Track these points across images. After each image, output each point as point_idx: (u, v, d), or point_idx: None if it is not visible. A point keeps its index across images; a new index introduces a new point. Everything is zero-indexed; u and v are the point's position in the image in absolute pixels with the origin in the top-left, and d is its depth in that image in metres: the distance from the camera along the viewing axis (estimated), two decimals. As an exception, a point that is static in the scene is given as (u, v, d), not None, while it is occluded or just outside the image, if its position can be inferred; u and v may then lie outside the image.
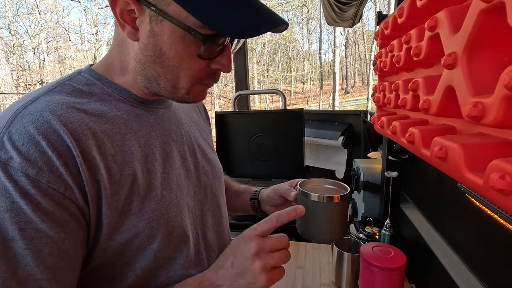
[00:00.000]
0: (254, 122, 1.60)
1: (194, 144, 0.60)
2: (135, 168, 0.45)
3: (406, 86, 0.53)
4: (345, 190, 0.60)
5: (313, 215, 0.57)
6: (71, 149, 0.39)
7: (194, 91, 0.48)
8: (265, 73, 19.16)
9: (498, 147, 0.32)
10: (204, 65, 0.45)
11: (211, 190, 0.60)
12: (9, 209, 0.35)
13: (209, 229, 0.58)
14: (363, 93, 17.36)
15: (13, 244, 0.35)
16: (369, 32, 18.72)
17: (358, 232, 1.03)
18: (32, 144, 0.37)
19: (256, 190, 0.78)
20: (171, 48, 0.43)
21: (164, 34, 0.42)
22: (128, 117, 0.48)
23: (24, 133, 0.37)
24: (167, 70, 0.45)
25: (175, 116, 0.58)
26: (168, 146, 0.53)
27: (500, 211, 0.37)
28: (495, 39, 0.32)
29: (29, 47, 17.22)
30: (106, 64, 0.50)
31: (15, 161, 0.36)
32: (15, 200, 0.35)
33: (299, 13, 18.86)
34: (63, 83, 0.46)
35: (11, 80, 10.09)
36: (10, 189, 0.35)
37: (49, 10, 16.92)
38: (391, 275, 0.69)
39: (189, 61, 0.44)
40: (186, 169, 0.55)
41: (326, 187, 0.64)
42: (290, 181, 0.71)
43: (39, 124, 0.38)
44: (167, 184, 0.50)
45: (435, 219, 0.71)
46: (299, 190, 0.59)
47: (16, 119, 0.38)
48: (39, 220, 0.36)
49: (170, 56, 0.43)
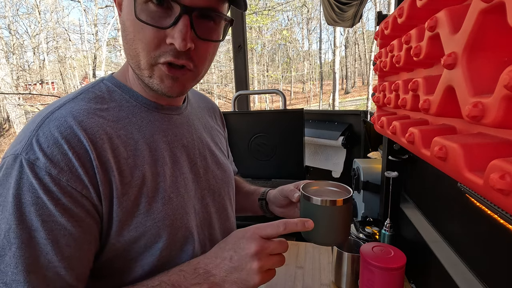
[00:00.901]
0: (254, 122, 1.59)
1: (206, 149, 0.62)
2: (145, 171, 0.49)
3: (406, 86, 0.53)
4: (348, 192, 0.58)
5: (316, 219, 0.55)
6: (89, 152, 0.43)
7: (157, 75, 0.47)
8: (265, 73, 19.15)
9: (498, 147, 0.32)
10: (157, 36, 0.44)
11: (219, 194, 0.63)
12: (34, 203, 0.40)
13: (215, 231, 0.61)
14: (363, 93, 17.37)
15: (37, 234, 0.40)
16: (369, 32, 18.72)
17: (358, 232, 1.03)
18: (56, 146, 0.41)
19: (264, 191, 0.80)
20: (128, 18, 0.45)
21: (125, 6, 0.45)
22: (142, 123, 0.52)
23: (50, 136, 0.42)
24: (129, 44, 0.46)
25: (187, 122, 0.60)
26: (178, 151, 0.56)
27: (500, 211, 0.37)
28: (495, 39, 0.32)
29: (29, 47, 17.22)
30: (123, 69, 0.55)
31: (40, 161, 0.40)
32: (40, 196, 0.40)
33: (299, 13, 18.86)
34: (87, 90, 0.50)
35: (11, 80, 10.09)
36: (35, 186, 0.40)
37: (49, 10, 16.92)
38: (391, 275, 0.69)
39: (140, 31, 0.44)
40: (195, 173, 0.58)
41: (329, 189, 0.63)
42: (296, 182, 0.71)
43: (63, 129, 0.43)
44: (175, 187, 0.53)
45: (435, 219, 0.71)
46: (302, 194, 0.58)
47: (44, 124, 0.43)
48: (59, 214, 0.41)
49: (127, 27, 0.45)
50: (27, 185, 0.39)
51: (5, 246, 0.39)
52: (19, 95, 10.10)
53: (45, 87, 17.58)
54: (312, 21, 19.20)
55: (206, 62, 0.51)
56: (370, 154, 1.47)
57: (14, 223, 0.39)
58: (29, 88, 16.42)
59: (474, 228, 0.54)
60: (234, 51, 1.97)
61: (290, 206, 0.72)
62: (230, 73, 17.06)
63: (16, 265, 0.39)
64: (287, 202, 0.71)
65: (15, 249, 0.39)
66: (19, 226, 0.39)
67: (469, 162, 0.32)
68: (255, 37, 16.94)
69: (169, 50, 0.45)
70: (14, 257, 0.39)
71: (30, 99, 12.37)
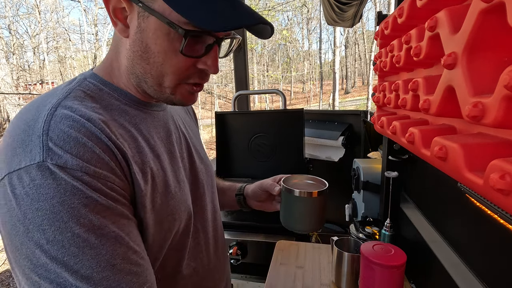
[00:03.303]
0: (254, 122, 1.59)
1: (190, 144, 0.63)
2: (152, 167, 0.49)
3: (406, 86, 0.53)
4: (324, 185, 0.68)
5: (295, 208, 0.65)
6: (110, 147, 0.42)
7: (180, 92, 0.49)
8: (265, 73, 19.14)
9: (498, 147, 0.32)
10: (189, 63, 0.46)
11: (206, 187, 0.64)
12: (85, 204, 0.37)
13: (207, 223, 0.62)
14: (363, 93, 17.36)
15: (102, 231, 0.38)
16: (369, 32, 18.72)
17: (358, 232, 1.03)
18: (80, 145, 0.39)
19: (241, 186, 0.83)
20: (156, 43, 0.44)
21: (150, 29, 0.44)
22: (136, 121, 0.51)
23: (67, 137, 0.38)
24: (152, 66, 0.46)
25: (172, 118, 0.61)
26: (172, 146, 0.56)
27: (500, 211, 0.37)
28: (495, 39, 0.32)
29: (29, 47, 17.21)
30: (105, 67, 0.52)
31: (71, 163, 0.37)
32: (88, 195, 0.37)
33: (299, 13, 18.85)
34: (75, 89, 0.47)
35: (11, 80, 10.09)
36: (79, 187, 0.37)
37: (49, 10, 16.92)
38: (392, 273, 0.69)
39: (173, 58, 0.45)
40: (184, 168, 0.59)
41: (307, 183, 0.73)
42: (274, 177, 0.79)
43: (78, 127, 0.40)
44: (177, 182, 0.54)
45: (435, 219, 0.71)
46: (283, 186, 0.67)
47: (51, 126, 0.39)
48: (113, 205, 0.40)
49: (155, 52, 0.45)
50: (69, 190, 0.36)
51: (77, 254, 0.36)
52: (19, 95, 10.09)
53: (45, 87, 17.54)
54: (312, 21, 19.21)
55: None
56: (370, 154, 1.47)
57: (76, 229, 0.36)
58: (29, 88, 16.41)
59: (474, 228, 0.54)
60: (234, 51, 1.97)
61: (268, 200, 0.79)
62: (230, 73, 17.05)
63: (99, 263, 0.37)
64: (266, 196, 0.78)
65: (89, 250, 0.37)
66: (82, 230, 0.36)
67: (469, 162, 0.32)
68: (255, 37, 16.93)
69: (198, 72, 0.48)
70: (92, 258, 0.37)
71: (30, 99, 12.37)
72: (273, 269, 0.93)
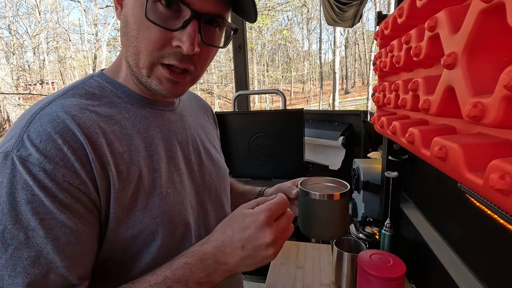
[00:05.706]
0: (254, 122, 1.59)
1: (200, 146, 0.62)
2: (141, 166, 0.48)
3: (406, 86, 0.53)
4: (345, 187, 0.60)
5: (314, 213, 0.58)
6: (84, 146, 0.42)
7: (156, 76, 0.47)
8: (265, 73, 19.14)
9: (498, 147, 0.32)
10: (162, 37, 0.44)
11: (215, 190, 0.62)
12: (30, 201, 0.38)
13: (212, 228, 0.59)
14: (363, 93, 17.36)
15: (35, 233, 0.38)
16: (369, 32, 18.72)
17: (358, 232, 1.03)
18: (49, 141, 0.39)
19: (260, 190, 0.80)
20: (132, 15, 0.44)
21: (130, 2, 0.44)
22: (135, 119, 0.51)
23: (42, 132, 0.40)
24: (130, 41, 0.46)
25: (181, 119, 0.60)
26: (173, 146, 0.55)
27: (500, 211, 0.37)
28: (495, 39, 0.32)
29: (29, 47, 17.22)
30: (114, 65, 0.54)
31: (33, 157, 0.38)
32: (35, 193, 0.38)
33: (299, 13, 18.85)
34: (77, 86, 0.49)
35: (11, 80, 10.09)
36: (30, 183, 0.38)
37: (49, 10, 16.91)
38: (390, 286, 0.66)
39: (145, 30, 0.44)
40: (190, 170, 0.58)
41: (326, 185, 0.64)
42: (293, 180, 0.73)
43: (56, 124, 0.41)
44: (171, 183, 0.52)
45: (435, 219, 0.71)
46: (300, 189, 0.60)
47: (34, 120, 0.41)
48: (57, 211, 0.39)
49: (131, 23, 0.45)
50: (20, 183, 0.37)
51: (0, 249, 0.36)
52: (19, 95, 10.10)
53: (45, 87, 17.55)
54: (312, 21, 19.20)
55: (206, 66, 0.52)
56: (370, 154, 1.48)
57: (10, 223, 0.37)
58: (29, 88, 16.41)
59: (474, 228, 0.54)
60: (234, 51, 1.97)
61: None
62: (230, 73, 17.05)
63: (14, 267, 0.36)
64: None
65: (12, 250, 0.37)
66: (15, 226, 0.37)
67: (469, 162, 0.32)
68: (255, 37, 16.93)
69: (174, 52, 0.45)
70: (11, 259, 0.37)
71: (30, 99, 12.35)
72: (273, 269, 0.93)
